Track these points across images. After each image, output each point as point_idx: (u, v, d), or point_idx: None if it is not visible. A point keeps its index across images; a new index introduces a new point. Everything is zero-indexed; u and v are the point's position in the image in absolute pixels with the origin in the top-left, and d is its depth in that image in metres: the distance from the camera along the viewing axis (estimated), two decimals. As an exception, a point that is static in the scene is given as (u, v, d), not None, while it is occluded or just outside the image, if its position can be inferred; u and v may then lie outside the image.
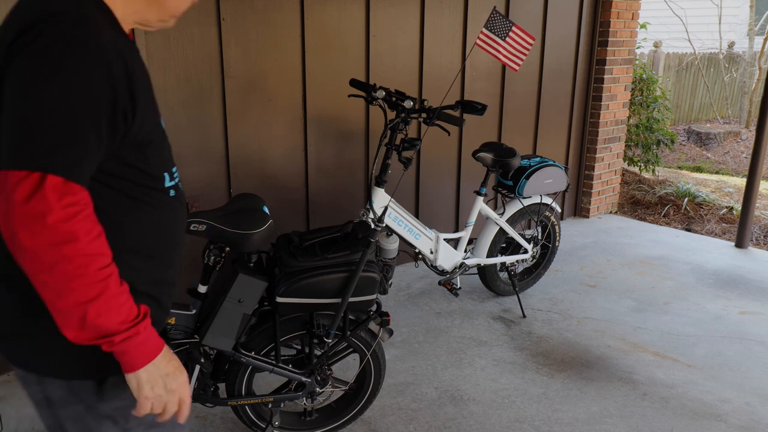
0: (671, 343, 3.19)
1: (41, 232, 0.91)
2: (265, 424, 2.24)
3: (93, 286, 0.96)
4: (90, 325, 0.98)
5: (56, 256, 0.92)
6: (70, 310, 0.96)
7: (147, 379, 1.05)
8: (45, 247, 0.92)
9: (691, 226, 5.47)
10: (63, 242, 0.92)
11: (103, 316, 0.98)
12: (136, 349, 1.03)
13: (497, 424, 2.50)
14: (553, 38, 4.74)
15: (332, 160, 3.70)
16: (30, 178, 0.90)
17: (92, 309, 0.97)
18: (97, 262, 0.96)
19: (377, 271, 2.13)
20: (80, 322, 0.97)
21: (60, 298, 0.95)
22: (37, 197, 0.90)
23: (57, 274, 0.93)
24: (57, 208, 0.91)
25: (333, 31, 3.51)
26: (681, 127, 10.63)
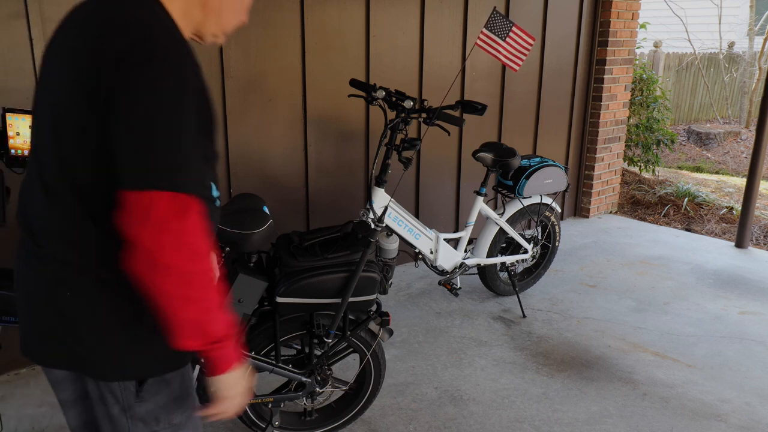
0: (671, 343, 3.19)
1: (184, 248, 0.96)
2: (265, 424, 2.24)
3: (216, 295, 1.03)
4: (207, 332, 1.04)
5: (197, 268, 0.99)
6: (196, 319, 1.01)
7: (232, 381, 1.12)
8: (183, 263, 0.97)
9: (691, 226, 5.47)
10: (202, 256, 0.99)
11: (217, 323, 1.05)
12: (232, 352, 1.10)
13: (497, 424, 2.50)
14: (553, 38, 4.74)
15: (332, 160, 3.70)
16: (163, 198, 0.95)
17: (212, 316, 1.03)
18: (215, 270, 1.04)
19: (377, 271, 2.13)
20: (200, 330, 1.03)
21: (187, 308, 1.00)
22: (178, 216, 0.96)
23: (195, 285, 0.99)
24: (192, 225, 0.98)
25: (333, 31, 3.51)
26: (681, 127, 10.63)
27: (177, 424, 1.19)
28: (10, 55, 2.56)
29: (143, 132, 0.96)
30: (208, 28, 1.16)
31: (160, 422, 1.17)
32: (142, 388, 1.14)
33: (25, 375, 2.80)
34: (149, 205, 0.94)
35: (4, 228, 2.01)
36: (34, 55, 2.60)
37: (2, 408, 2.52)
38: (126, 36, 0.98)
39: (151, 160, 0.96)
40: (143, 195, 0.95)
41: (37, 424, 2.43)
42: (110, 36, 0.99)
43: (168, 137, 0.97)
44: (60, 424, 2.44)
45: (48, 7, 2.61)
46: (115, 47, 0.97)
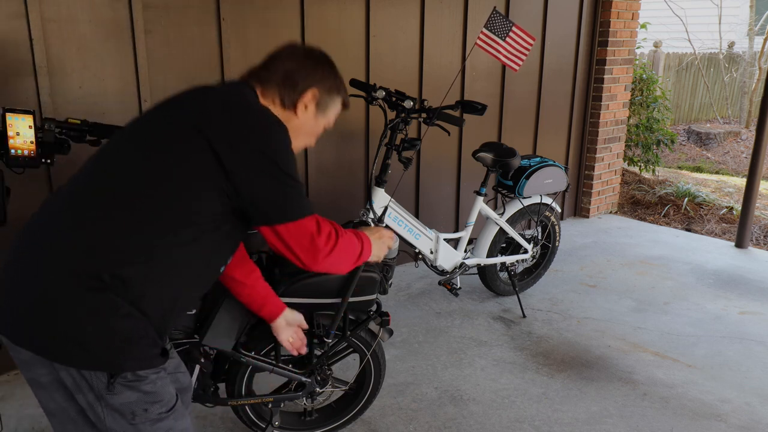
0: (671, 343, 3.19)
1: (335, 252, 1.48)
2: (265, 424, 2.24)
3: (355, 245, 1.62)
4: (360, 261, 1.63)
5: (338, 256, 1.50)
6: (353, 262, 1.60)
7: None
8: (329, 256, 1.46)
9: (691, 226, 5.47)
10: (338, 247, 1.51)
11: (363, 252, 1.62)
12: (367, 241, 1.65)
13: (497, 424, 2.50)
14: (553, 38, 4.74)
15: (332, 160, 3.70)
16: (313, 218, 1.41)
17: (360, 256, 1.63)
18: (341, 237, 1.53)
19: (377, 271, 2.13)
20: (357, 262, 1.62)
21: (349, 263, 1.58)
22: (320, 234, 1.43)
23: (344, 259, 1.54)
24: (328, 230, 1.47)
25: (333, 31, 3.51)
26: (681, 127, 10.63)
27: (155, 418, 1.26)
28: (10, 55, 2.56)
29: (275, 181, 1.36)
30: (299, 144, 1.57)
31: (137, 416, 1.24)
32: (116, 381, 1.20)
33: (25, 375, 2.80)
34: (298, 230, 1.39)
35: (4, 227, 2.01)
36: (34, 55, 2.60)
37: (2, 408, 2.53)
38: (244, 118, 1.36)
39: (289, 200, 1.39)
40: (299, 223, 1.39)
41: (37, 424, 2.43)
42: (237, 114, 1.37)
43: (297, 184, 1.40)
44: (60, 424, 2.44)
45: (48, 7, 2.61)
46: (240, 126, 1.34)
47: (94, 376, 1.21)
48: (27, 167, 1.97)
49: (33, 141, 1.95)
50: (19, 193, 2.35)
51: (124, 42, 2.82)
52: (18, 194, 2.28)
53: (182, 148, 1.26)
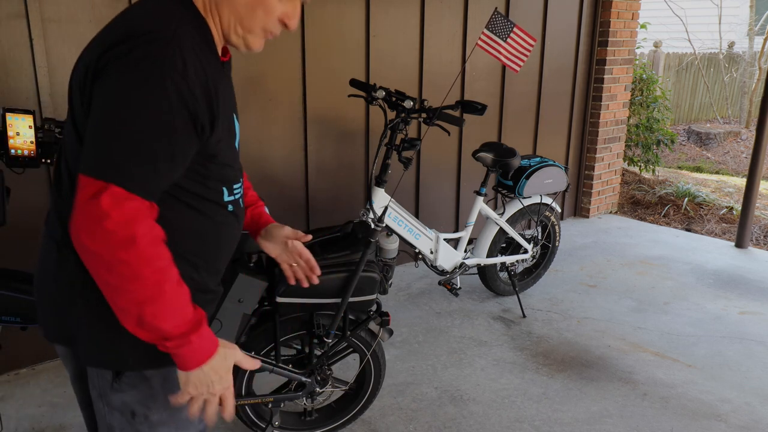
0: (671, 343, 3.19)
1: (100, 234, 0.99)
2: (265, 424, 2.24)
3: (148, 289, 1.02)
4: (147, 325, 1.04)
5: (114, 258, 0.99)
6: (128, 308, 1.04)
7: (194, 380, 1.12)
8: (104, 248, 0.99)
9: (691, 226, 5.47)
10: (120, 246, 0.99)
11: (159, 318, 1.04)
12: (189, 354, 1.09)
13: (497, 424, 2.50)
14: (553, 38, 4.74)
15: (332, 160, 3.70)
16: (94, 185, 0.99)
17: (148, 310, 1.03)
18: (153, 265, 1.02)
19: (377, 271, 2.13)
20: (138, 321, 1.04)
21: (118, 296, 1.03)
22: (95, 202, 0.98)
23: (115, 274, 1.01)
24: (114, 215, 0.99)
25: (333, 31, 3.51)
26: (681, 127, 10.63)
27: (154, 422, 1.20)
28: (10, 55, 2.56)
29: (95, 120, 1.02)
30: (228, 23, 1.17)
31: (136, 416, 1.18)
32: (119, 380, 1.16)
33: (26, 375, 2.80)
34: (84, 188, 0.99)
35: (5, 228, 2.01)
36: (34, 55, 2.60)
37: (2, 408, 2.53)
38: (119, 31, 1.04)
39: (89, 146, 1.02)
40: (85, 180, 1.00)
41: (37, 424, 2.43)
42: (110, 31, 1.07)
43: (116, 131, 1.00)
44: (60, 424, 2.44)
45: (48, 7, 2.61)
46: (108, 40, 1.04)
47: (98, 373, 1.18)
48: (27, 167, 1.97)
49: (33, 141, 1.95)
50: (19, 193, 2.35)
51: (124, 42, 2.81)
52: (18, 194, 2.28)
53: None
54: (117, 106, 1.00)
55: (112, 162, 0.99)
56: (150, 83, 0.99)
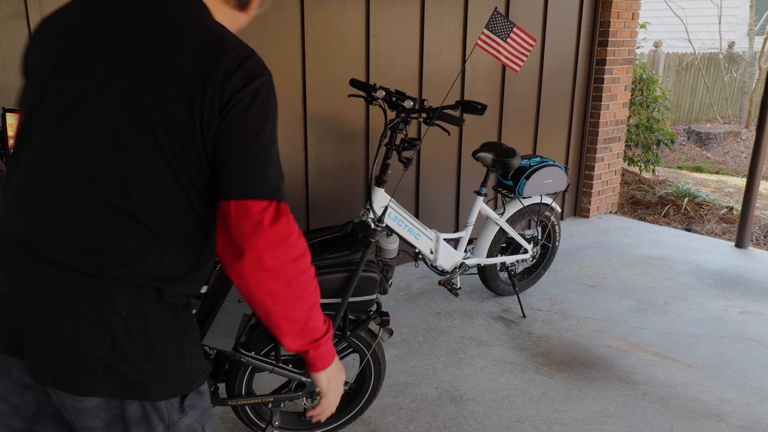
0: (671, 343, 3.19)
1: (285, 252, 1.04)
2: (265, 424, 2.24)
3: (316, 293, 1.11)
4: (309, 330, 1.12)
5: (296, 270, 1.06)
6: (299, 317, 1.10)
7: (333, 375, 1.21)
8: (288, 265, 1.05)
9: (691, 226, 5.47)
10: (300, 257, 1.07)
11: (317, 320, 1.13)
12: (329, 348, 1.17)
13: (497, 424, 2.50)
14: (553, 38, 4.74)
15: (332, 160, 3.70)
16: (269, 207, 1.04)
17: (313, 314, 1.11)
18: (313, 271, 1.11)
19: (377, 271, 2.13)
20: (302, 328, 1.10)
21: (293, 308, 1.08)
22: (283, 221, 1.04)
23: (294, 286, 1.06)
24: (294, 230, 1.06)
25: (333, 31, 3.51)
26: (681, 127, 10.64)
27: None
28: (10, 55, 2.56)
29: (259, 146, 1.05)
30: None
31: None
32: (184, 403, 1.12)
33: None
34: (261, 212, 1.02)
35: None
36: (34, 55, 2.60)
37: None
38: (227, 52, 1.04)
39: (246, 172, 1.04)
40: (256, 204, 1.03)
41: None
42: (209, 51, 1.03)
43: (271, 148, 1.07)
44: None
45: (48, 7, 2.61)
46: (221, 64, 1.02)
47: (168, 405, 1.08)
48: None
49: (33, 141, 1.95)
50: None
51: (124, 42, 2.81)
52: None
53: None
54: (263, 130, 1.05)
55: (272, 180, 1.05)
56: (275, 113, 1.09)
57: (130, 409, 1.06)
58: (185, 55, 1.01)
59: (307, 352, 1.15)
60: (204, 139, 1.02)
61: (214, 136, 1.02)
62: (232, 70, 1.02)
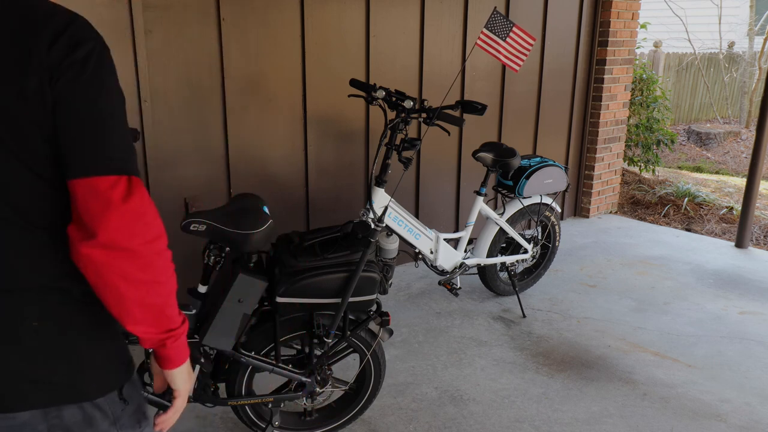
0: (671, 343, 3.19)
1: (141, 231, 0.94)
2: (265, 424, 2.24)
3: (173, 279, 1.01)
4: (165, 319, 1.02)
5: (153, 251, 0.96)
6: (155, 304, 1.00)
7: (184, 372, 1.11)
8: (144, 245, 0.95)
9: (691, 226, 5.47)
10: (157, 237, 0.97)
11: (173, 308, 1.03)
12: (182, 345, 1.07)
13: (497, 424, 2.50)
14: (553, 38, 4.74)
15: (332, 160, 3.70)
16: (119, 182, 0.93)
17: (170, 301, 1.02)
18: (170, 255, 1.00)
19: (377, 271, 2.13)
20: (158, 316, 1.01)
21: (149, 293, 0.98)
22: (136, 197, 0.94)
23: (152, 269, 0.97)
24: (149, 208, 0.95)
25: (333, 31, 3.51)
26: (681, 127, 10.64)
27: (149, 419, 1.17)
28: None
29: (96, 117, 0.95)
30: None
31: (141, 423, 1.14)
32: (123, 394, 1.09)
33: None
34: (110, 189, 0.93)
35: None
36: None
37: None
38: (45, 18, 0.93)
39: (86, 145, 0.94)
40: (102, 180, 0.93)
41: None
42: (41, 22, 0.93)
43: (114, 118, 0.96)
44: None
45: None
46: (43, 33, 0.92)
47: (108, 400, 1.06)
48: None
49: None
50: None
51: (124, 42, 2.82)
52: None
53: None
54: (99, 98, 0.95)
55: (119, 152, 0.95)
56: (114, 73, 0.98)
57: (68, 414, 1.02)
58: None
59: (164, 343, 1.04)
60: (42, 116, 0.92)
61: (50, 112, 0.92)
62: (55, 37, 0.91)
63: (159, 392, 1.22)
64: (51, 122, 0.92)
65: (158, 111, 2.98)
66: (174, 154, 3.07)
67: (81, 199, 0.93)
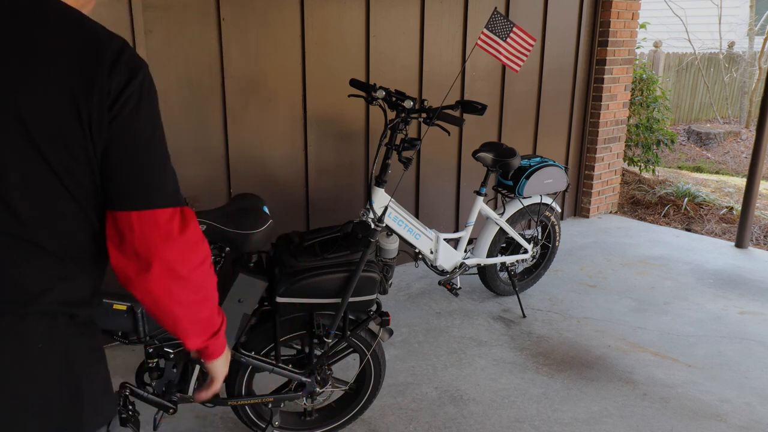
0: (671, 343, 3.19)
1: (196, 258, 1.00)
2: (265, 424, 2.24)
3: (215, 286, 1.07)
4: (213, 325, 1.09)
5: (204, 273, 1.02)
6: (204, 317, 1.07)
7: (226, 357, 1.18)
8: (198, 270, 1.00)
9: (691, 226, 5.47)
10: (206, 260, 1.03)
11: (216, 313, 1.10)
12: (222, 337, 1.14)
13: (497, 424, 2.50)
14: (553, 38, 4.74)
15: (332, 160, 3.70)
16: (174, 214, 0.97)
17: (215, 311, 1.08)
18: (211, 262, 1.06)
19: (377, 271, 2.13)
20: (207, 325, 1.08)
21: (200, 310, 1.05)
22: (191, 228, 0.99)
23: (203, 289, 1.03)
24: (201, 236, 1.02)
25: (333, 31, 3.51)
26: (681, 127, 10.64)
27: None
28: None
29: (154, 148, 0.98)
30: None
31: None
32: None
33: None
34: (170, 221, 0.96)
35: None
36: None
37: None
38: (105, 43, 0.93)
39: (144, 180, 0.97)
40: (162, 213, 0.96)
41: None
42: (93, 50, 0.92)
43: (166, 149, 1.00)
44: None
45: None
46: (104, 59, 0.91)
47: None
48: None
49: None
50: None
51: (124, 42, 2.81)
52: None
53: None
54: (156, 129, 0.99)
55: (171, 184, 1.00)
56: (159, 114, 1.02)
57: None
58: (58, 51, 0.88)
59: (207, 345, 1.10)
60: (95, 144, 0.90)
61: (106, 140, 0.91)
62: (114, 64, 0.90)
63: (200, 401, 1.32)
64: (102, 152, 0.92)
65: (158, 111, 2.97)
66: (174, 154, 3.05)
67: (138, 230, 0.94)
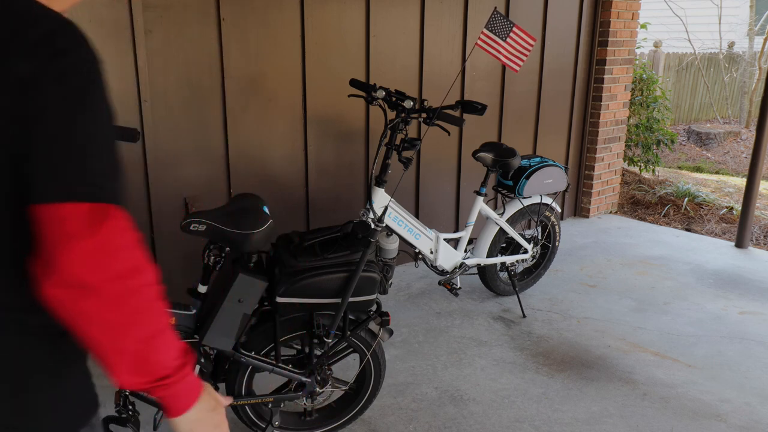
0: (671, 343, 3.19)
1: (110, 266, 0.82)
2: (265, 424, 2.24)
3: (157, 319, 0.88)
4: (151, 364, 0.89)
5: (126, 289, 0.83)
6: (130, 349, 0.86)
7: (198, 419, 0.96)
8: (113, 282, 0.82)
9: (691, 226, 5.47)
10: (132, 273, 0.84)
11: (162, 353, 0.89)
12: (187, 387, 0.94)
13: (497, 424, 2.50)
14: (553, 38, 4.74)
15: (332, 160, 3.70)
16: (91, 210, 0.81)
17: (153, 345, 0.88)
18: (157, 291, 0.87)
19: (377, 271, 2.13)
20: (138, 362, 0.88)
21: (122, 337, 0.85)
22: (107, 228, 0.82)
23: (125, 309, 0.84)
24: (124, 241, 0.84)
25: (333, 31, 3.51)
26: (681, 127, 10.64)
27: None
28: None
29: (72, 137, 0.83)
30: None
31: None
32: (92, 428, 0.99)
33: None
34: (75, 217, 0.81)
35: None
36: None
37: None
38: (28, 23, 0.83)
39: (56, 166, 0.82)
40: (66, 207, 0.81)
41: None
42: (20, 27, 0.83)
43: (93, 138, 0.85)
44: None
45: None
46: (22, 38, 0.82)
47: None
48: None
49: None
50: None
51: (124, 42, 2.82)
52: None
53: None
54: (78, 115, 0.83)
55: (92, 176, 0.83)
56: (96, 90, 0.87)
57: None
58: None
59: (154, 392, 0.91)
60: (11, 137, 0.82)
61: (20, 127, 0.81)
62: (34, 48, 0.81)
63: None
64: (22, 141, 0.81)
65: (158, 111, 2.98)
66: (174, 154, 3.07)
67: (43, 227, 0.81)
